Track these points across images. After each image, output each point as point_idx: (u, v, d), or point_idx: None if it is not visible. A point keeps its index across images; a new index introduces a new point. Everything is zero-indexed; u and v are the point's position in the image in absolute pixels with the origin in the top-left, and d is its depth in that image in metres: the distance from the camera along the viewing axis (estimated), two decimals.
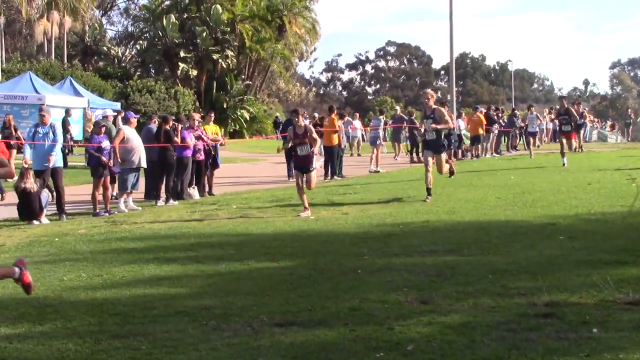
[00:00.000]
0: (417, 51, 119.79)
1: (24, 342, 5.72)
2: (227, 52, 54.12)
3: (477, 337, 5.42)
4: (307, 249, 9.61)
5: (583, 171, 19.85)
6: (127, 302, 6.92)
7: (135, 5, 72.52)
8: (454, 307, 6.30)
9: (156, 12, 54.94)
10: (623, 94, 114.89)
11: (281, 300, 6.78)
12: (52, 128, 14.71)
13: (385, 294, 6.83)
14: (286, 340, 5.55)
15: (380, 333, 5.63)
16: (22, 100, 31.02)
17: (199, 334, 5.80)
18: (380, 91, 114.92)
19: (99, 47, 60.65)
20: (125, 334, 5.83)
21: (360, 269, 8.10)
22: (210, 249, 10.02)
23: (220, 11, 53.36)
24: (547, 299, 6.37)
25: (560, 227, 10.36)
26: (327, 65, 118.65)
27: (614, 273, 7.22)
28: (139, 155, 15.97)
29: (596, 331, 5.46)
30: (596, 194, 14.12)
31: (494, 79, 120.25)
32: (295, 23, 57.09)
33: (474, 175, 20.19)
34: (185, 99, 45.05)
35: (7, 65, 45.90)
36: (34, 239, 11.63)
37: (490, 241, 9.49)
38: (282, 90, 76.70)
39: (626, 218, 10.98)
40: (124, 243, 10.77)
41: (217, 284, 7.75)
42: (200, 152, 17.96)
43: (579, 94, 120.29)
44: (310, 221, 12.33)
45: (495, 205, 13.24)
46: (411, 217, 12.11)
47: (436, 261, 8.33)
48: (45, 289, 7.75)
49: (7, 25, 58.18)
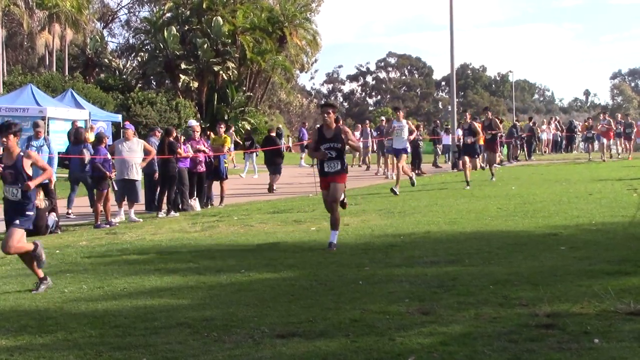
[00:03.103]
0: (418, 62, 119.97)
1: (25, 355, 5.72)
2: (228, 63, 54.27)
3: (479, 348, 5.41)
4: (308, 260, 9.61)
5: (584, 181, 19.86)
6: (128, 314, 6.91)
7: (137, 18, 72.81)
8: (456, 318, 6.29)
9: (157, 24, 55.12)
10: (624, 105, 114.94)
11: (282, 311, 6.77)
12: (46, 141, 14.80)
13: (387, 305, 6.82)
14: (287, 352, 5.54)
15: (382, 344, 5.62)
16: (23, 113, 31.00)
17: (200, 345, 5.79)
18: (381, 102, 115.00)
19: (100, 59, 60.75)
20: (126, 346, 5.82)
21: (362, 279, 8.10)
22: (212, 260, 10.02)
23: (221, 23, 53.54)
24: (548, 310, 6.36)
25: (562, 238, 10.36)
26: (328, 77, 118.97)
27: (615, 283, 7.21)
28: (123, 168, 15.93)
29: (598, 341, 5.45)
30: (597, 204, 14.12)
31: (495, 90, 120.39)
32: (296, 34, 57.25)
33: (475, 185, 20.19)
34: (187, 110, 45.11)
35: (9, 78, 45.97)
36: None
37: (491, 252, 9.49)
38: (283, 102, 76.83)
39: (627, 228, 10.98)
40: (125, 255, 10.77)
41: (219, 295, 7.74)
42: (200, 164, 17.99)
43: (579, 105, 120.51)
44: (311, 232, 12.33)
45: (497, 215, 13.24)
46: (412, 228, 12.10)
47: (437, 272, 8.33)
48: (47, 301, 7.75)
49: (9, 37, 58.35)
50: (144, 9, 73.01)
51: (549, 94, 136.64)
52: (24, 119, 30.83)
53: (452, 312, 6.49)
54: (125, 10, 75.68)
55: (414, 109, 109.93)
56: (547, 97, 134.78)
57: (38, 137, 14.73)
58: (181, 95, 50.31)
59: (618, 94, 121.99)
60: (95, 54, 60.11)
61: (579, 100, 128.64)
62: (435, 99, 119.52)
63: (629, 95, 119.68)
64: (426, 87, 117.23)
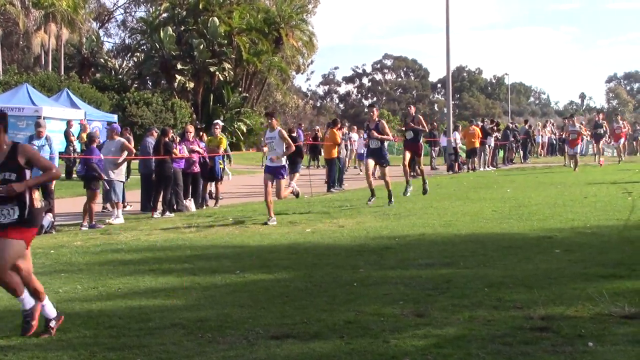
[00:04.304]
0: (414, 64, 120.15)
1: (19, 355, 5.70)
2: (224, 64, 54.28)
3: (473, 351, 5.41)
4: (303, 261, 9.60)
5: (579, 185, 19.89)
6: (122, 315, 6.90)
7: (133, 18, 72.79)
8: (450, 320, 6.29)
9: (153, 24, 55.12)
10: (619, 108, 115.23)
11: (277, 312, 6.77)
12: (48, 141, 14.74)
13: (381, 307, 6.82)
14: (282, 353, 5.54)
15: (376, 346, 5.63)
16: (19, 112, 31.00)
17: (194, 346, 5.79)
18: (377, 104, 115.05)
19: (96, 59, 60.72)
20: (120, 347, 5.81)
21: (356, 281, 8.10)
22: (206, 261, 10.01)
23: (218, 24, 53.55)
24: (543, 313, 6.37)
25: (556, 241, 10.38)
26: (324, 78, 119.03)
27: (609, 286, 7.22)
28: (106, 168, 15.96)
29: (592, 345, 5.46)
30: (592, 207, 14.15)
31: (491, 93, 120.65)
32: (292, 36, 57.30)
33: (470, 188, 20.22)
34: (182, 111, 45.11)
35: (4, 77, 45.90)
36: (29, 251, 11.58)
37: (486, 254, 9.50)
38: (279, 103, 76.82)
39: (622, 232, 11.01)
40: (119, 255, 10.75)
41: (213, 296, 7.74)
42: (195, 165, 17.98)
43: (575, 108, 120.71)
44: (306, 234, 12.33)
45: (492, 218, 13.26)
46: (407, 230, 12.11)
47: (432, 274, 8.33)
48: None
49: (5, 37, 58.22)
50: (140, 9, 73.13)
51: (545, 97, 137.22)
52: (20, 119, 30.85)
53: (447, 314, 6.50)
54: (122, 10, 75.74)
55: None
56: (543, 100, 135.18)
57: (40, 137, 14.69)
58: (177, 96, 50.31)
59: (613, 98, 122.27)
60: (91, 53, 60.07)
61: (575, 103, 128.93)
62: (431, 101, 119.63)
63: (624, 99, 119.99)
64: (422, 89, 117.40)
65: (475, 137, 30.54)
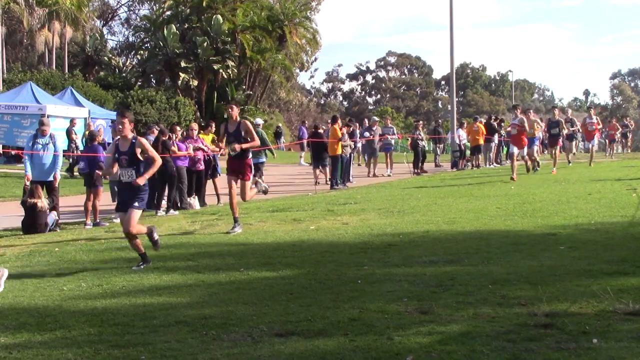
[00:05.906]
0: (418, 61, 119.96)
1: (24, 352, 5.71)
2: (228, 62, 54.24)
3: (477, 348, 5.41)
4: (307, 258, 9.61)
5: (583, 181, 19.85)
6: (126, 312, 6.91)
7: (136, 16, 72.87)
8: (454, 318, 6.29)
9: (157, 22, 55.13)
10: (623, 104, 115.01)
11: (281, 310, 6.77)
12: (52, 139, 14.74)
13: (385, 304, 6.82)
14: (286, 350, 5.54)
15: (380, 343, 5.62)
16: (22, 110, 31.06)
17: (198, 344, 5.79)
18: (381, 101, 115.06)
19: (100, 57, 60.79)
20: (124, 344, 5.82)
21: (360, 279, 8.10)
22: (210, 258, 10.02)
23: (221, 21, 53.52)
24: (547, 309, 6.36)
25: (561, 237, 10.36)
26: (328, 76, 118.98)
27: (614, 283, 7.20)
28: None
29: (596, 341, 5.45)
30: (596, 204, 14.11)
31: (495, 90, 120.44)
32: (296, 33, 57.27)
33: (474, 185, 20.20)
34: (186, 109, 45.08)
35: (8, 76, 45.98)
36: (34, 249, 11.63)
37: (490, 251, 9.49)
38: (283, 100, 76.91)
39: (627, 228, 10.98)
40: (124, 253, 10.76)
41: (217, 293, 7.74)
42: (200, 162, 18.00)
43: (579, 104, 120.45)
44: (310, 231, 12.33)
45: (496, 215, 13.24)
46: (411, 228, 12.10)
47: (436, 271, 8.33)
48: (45, 298, 7.75)
49: (9, 35, 58.35)
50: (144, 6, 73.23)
51: (549, 93, 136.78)
52: (24, 117, 30.91)
53: (451, 311, 6.49)
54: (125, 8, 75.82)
55: (414, 108, 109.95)
56: (547, 96, 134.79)
57: (44, 135, 14.69)
58: (181, 94, 50.27)
59: (618, 94, 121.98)
60: (94, 51, 60.14)
61: (579, 100, 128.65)
62: (435, 98, 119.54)
63: (628, 95, 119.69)
64: (426, 86, 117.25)
65: (480, 134, 30.52)
